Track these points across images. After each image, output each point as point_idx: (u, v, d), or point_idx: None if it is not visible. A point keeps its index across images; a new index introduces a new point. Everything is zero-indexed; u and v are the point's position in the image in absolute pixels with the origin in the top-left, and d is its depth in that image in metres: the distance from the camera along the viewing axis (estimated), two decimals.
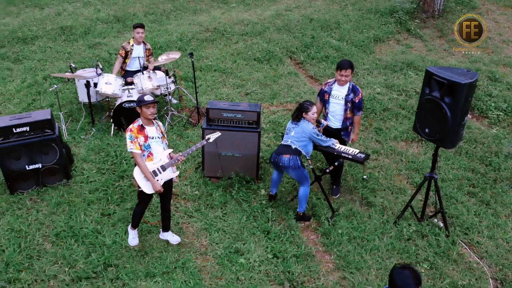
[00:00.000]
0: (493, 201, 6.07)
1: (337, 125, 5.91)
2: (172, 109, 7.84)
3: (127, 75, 7.71)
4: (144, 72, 7.32)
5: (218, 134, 5.25)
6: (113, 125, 7.24)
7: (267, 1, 13.69)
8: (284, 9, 12.89)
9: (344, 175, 6.46)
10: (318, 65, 10.02)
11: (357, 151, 5.46)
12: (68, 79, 8.29)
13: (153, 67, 7.73)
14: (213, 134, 5.21)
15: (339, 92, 5.79)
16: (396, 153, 7.05)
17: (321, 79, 9.28)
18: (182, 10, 12.93)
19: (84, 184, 6.14)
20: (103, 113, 7.74)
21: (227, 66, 9.84)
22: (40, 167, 5.95)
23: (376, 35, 11.30)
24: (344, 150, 5.49)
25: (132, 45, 7.73)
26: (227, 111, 6.09)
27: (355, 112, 5.83)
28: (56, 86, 7.39)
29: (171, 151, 4.94)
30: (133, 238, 5.19)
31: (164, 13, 12.63)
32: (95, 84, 7.22)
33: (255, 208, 5.80)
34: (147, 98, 4.61)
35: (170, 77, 7.79)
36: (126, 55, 7.75)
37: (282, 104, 8.46)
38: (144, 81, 7.27)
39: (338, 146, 5.57)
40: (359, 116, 5.92)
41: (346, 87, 5.76)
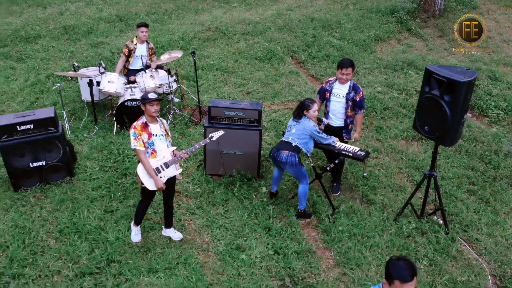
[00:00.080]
0: (493, 199, 6.12)
1: (338, 124, 5.97)
2: (174, 108, 7.90)
3: (130, 74, 7.78)
4: (147, 71, 7.39)
5: (222, 133, 5.30)
6: (116, 123, 7.30)
7: (269, 1, 13.75)
8: (286, 9, 12.95)
9: (345, 173, 6.51)
10: (319, 64, 10.08)
11: (357, 149, 5.52)
12: (71, 78, 8.36)
13: (156, 66, 7.80)
14: (216, 133, 5.26)
15: (340, 91, 5.84)
16: (397, 152, 7.10)
17: (322, 78, 9.33)
18: (184, 10, 13.00)
19: (87, 182, 6.20)
20: (106, 112, 7.80)
21: (229, 65, 9.90)
22: (44, 165, 6.00)
23: (377, 35, 11.35)
24: (345, 148, 5.55)
25: (136, 44, 7.80)
26: (229, 110, 6.15)
27: (357, 111, 5.88)
28: (59, 85, 7.45)
29: (175, 149, 4.99)
30: (136, 235, 5.25)
31: (166, 13, 12.70)
32: (98, 83, 7.29)
33: (256, 205, 5.86)
34: (151, 96, 4.67)
35: (172, 76, 7.86)
36: (129, 54, 7.81)
37: (283, 103, 8.52)
38: (147, 80, 7.34)
39: (339, 144, 5.62)
40: (361, 115, 5.97)
41: (347, 86, 5.81)
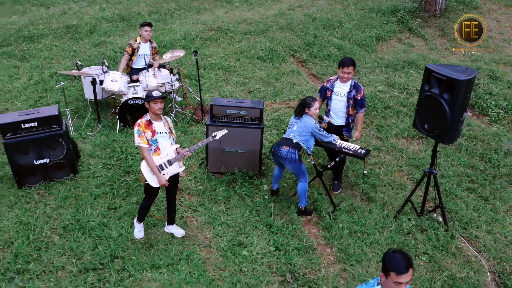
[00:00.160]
0: (492, 197, 6.16)
1: (339, 122, 6.02)
2: (177, 106, 7.97)
3: (133, 73, 7.85)
4: (149, 70, 7.46)
5: (225, 132, 5.36)
6: (119, 122, 7.37)
7: (270, 0, 13.81)
8: (287, 8, 13.01)
9: (346, 171, 6.57)
10: (321, 64, 10.14)
11: (358, 147, 5.58)
12: (75, 77, 8.44)
13: (158, 65, 7.86)
14: (220, 132, 5.31)
15: (341, 89, 5.90)
16: (397, 150, 7.16)
17: (324, 77, 9.38)
18: (186, 9, 13.07)
19: (91, 179, 6.27)
20: (109, 110, 7.88)
21: (231, 65, 9.96)
22: (48, 162, 6.06)
23: (378, 34, 11.40)
24: (345, 146, 5.61)
25: (139, 43, 7.87)
26: (231, 108, 6.21)
27: (358, 109, 5.93)
28: (63, 83, 7.52)
29: (178, 146, 5.05)
30: (139, 231, 5.31)
31: (168, 12, 12.77)
32: (101, 82, 7.36)
33: (258, 203, 5.92)
34: (155, 94, 4.73)
35: (175, 75, 7.93)
36: (133, 53, 7.89)
37: (285, 102, 8.58)
38: (149, 79, 7.41)
39: (339, 142, 5.68)
40: (363, 113, 6.02)
41: (348, 84, 5.86)
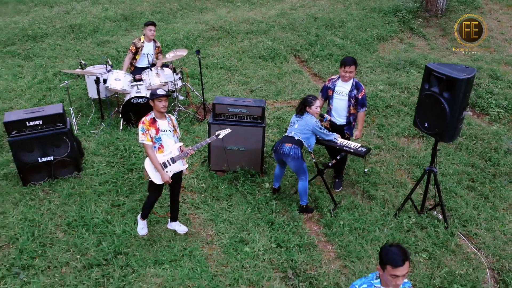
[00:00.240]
0: (492, 195, 6.21)
1: (341, 121, 6.07)
2: (179, 105, 8.04)
3: (136, 72, 7.92)
4: (152, 69, 7.53)
5: (228, 131, 5.42)
6: (122, 120, 7.44)
7: (272, 0, 13.87)
8: (289, 8, 13.07)
9: (347, 170, 6.62)
10: (322, 63, 10.20)
11: (359, 145, 5.63)
12: (78, 76, 8.52)
13: (161, 64, 7.94)
14: (223, 131, 5.38)
15: (343, 88, 5.95)
16: (398, 149, 7.21)
17: (325, 77, 9.44)
18: (189, 9, 13.14)
19: (94, 177, 6.34)
20: (112, 109, 7.95)
21: (233, 64, 10.02)
22: (52, 160, 6.13)
23: (380, 34, 11.45)
24: (346, 144, 5.66)
25: (143, 42, 7.95)
26: (233, 106, 6.27)
27: (359, 109, 5.99)
28: (67, 82, 7.60)
29: (182, 145, 5.12)
30: (142, 228, 5.38)
31: (171, 12, 12.84)
32: (105, 80, 7.43)
33: (260, 200, 5.98)
34: (160, 92, 4.80)
35: (177, 74, 7.99)
36: (136, 51, 7.96)
37: (286, 101, 8.64)
38: (152, 78, 7.48)
39: (340, 140, 5.74)
40: (363, 113, 6.06)
41: (350, 84, 5.92)
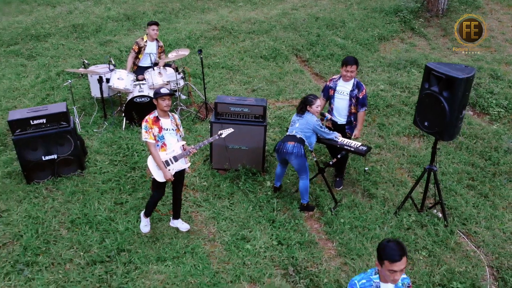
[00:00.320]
0: (492, 194, 6.26)
1: (342, 121, 6.12)
2: (181, 104, 8.10)
3: (139, 71, 7.98)
4: (155, 68, 7.59)
5: (231, 130, 5.48)
6: (125, 119, 7.50)
7: (274, 0, 13.92)
8: (291, 8, 13.12)
9: (347, 168, 6.67)
10: (323, 63, 10.25)
11: (359, 144, 5.69)
12: (82, 75, 8.59)
13: (164, 64, 8.00)
14: (226, 130, 5.43)
15: (344, 88, 5.99)
16: (398, 148, 7.26)
17: (326, 76, 9.49)
18: (191, 9, 13.20)
19: (98, 175, 6.41)
20: (115, 108, 8.01)
21: (234, 64, 10.08)
22: (56, 158, 6.19)
23: (381, 34, 11.50)
24: (347, 143, 5.71)
25: (146, 42, 8.02)
26: (235, 106, 6.33)
27: (359, 108, 6.03)
28: (70, 81, 7.67)
29: (184, 143, 5.18)
30: (145, 226, 5.43)
31: (173, 12, 12.90)
32: (108, 80, 7.49)
33: (261, 199, 6.04)
34: (163, 91, 4.86)
35: (180, 74, 8.05)
36: (139, 51, 8.03)
37: (288, 100, 8.69)
38: (155, 77, 7.54)
39: (341, 139, 5.79)
40: (363, 112, 6.10)
41: (351, 83, 5.96)
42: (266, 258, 5.10)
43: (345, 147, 5.67)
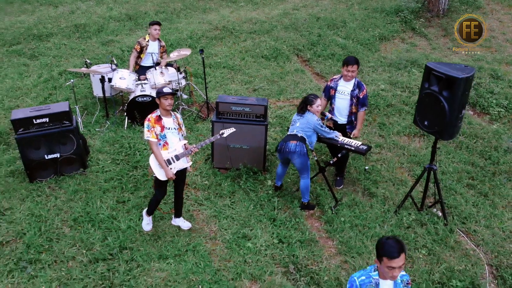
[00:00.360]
0: (491, 193, 6.29)
1: (343, 120, 6.15)
2: (183, 104, 8.15)
3: (141, 70, 8.03)
4: (157, 68, 7.64)
5: (233, 130, 5.52)
6: (127, 118, 7.55)
7: (275, 0, 13.97)
8: (292, 8, 13.17)
9: (348, 168, 6.70)
10: (324, 63, 10.29)
11: (360, 143, 5.73)
12: (84, 74, 8.64)
13: (165, 64, 8.05)
14: (227, 130, 5.47)
15: (345, 88, 6.03)
16: (399, 147, 7.29)
17: (327, 76, 9.53)
18: (192, 9, 13.25)
19: (100, 174, 6.45)
20: (117, 107, 8.06)
21: (236, 63, 10.13)
22: (58, 157, 6.23)
23: (382, 34, 11.54)
24: (347, 142, 5.76)
25: (148, 41, 8.07)
26: (236, 105, 6.37)
27: (359, 108, 6.06)
28: (72, 81, 7.73)
29: (186, 142, 5.22)
30: (147, 224, 5.48)
31: (175, 12, 12.96)
32: (110, 79, 7.54)
33: (262, 198, 6.08)
34: (166, 90, 4.90)
35: (181, 73, 8.10)
36: (141, 50, 8.08)
37: (289, 100, 8.74)
38: (157, 77, 7.59)
39: (341, 138, 5.83)
40: (363, 112, 6.13)
41: (352, 83, 6.00)
42: (267, 256, 5.14)
43: (346, 146, 5.71)
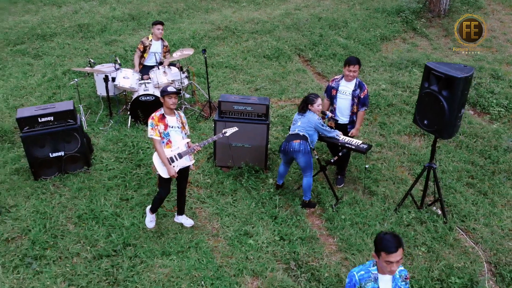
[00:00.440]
0: (491, 192, 6.35)
1: (344, 120, 6.21)
2: (186, 103, 8.23)
3: (144, 70, 8.11)
4: (160, 67, 7.72)
5: (235, 129, 5.58)
6: (130, 117, 7.63)
7: (277, 0, 14.04)
8: (294, 8, 13.24)
9: (348, 167, 6.77)
10: (326, 62, 10.36)
11: (360, 142, 5.80)
12: (88, 74, 8.73)
13: (168, 63, 8.13)
14: (230, 129, 5.54)
15: (347, 88, 6.09)
16: (399, 146, 7.36)
17: (329, 76, 9.60)
18: (195, 9, 13.33)
19: (104, 172, 6.53)
20: (120, 106, 8.15)
21: (238, 63, 10.20)
22: (63, 155, 6.32)
23: (383, 34, 11.60)
24: (348, 141, 5.83)
25: (151, 41, 8.15)
26: (238, 104, 6.44)
27: (359, 108, 6.12)
28: (76, 80, 7.81)
29: (189, 141, 5.29)
30: (151, 221, 5.55)
31: (177, 12, 13.04)
32: (113, 79, 7.62)
33: (263, 196, 6.15)
34: (170, 89, 4.98)
35: (184, 73, 8.18)
36: (144, 50, 8.17)
37: (290, 99, 8.81)
38: (160, 76, 7.67)
39: (342, 137, 5.90)
40: (363, 112, 6.19)
41: (353, 83, 6.06)
42: (268, 253, 5.21)
43: (346, 145, 5.78)
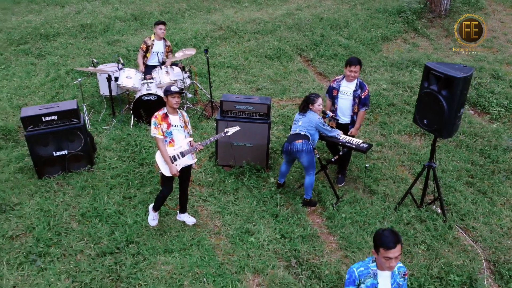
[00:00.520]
0: (490, 191, 6.39)
1: (346, 121, 6.27)
2: (188, 103, 8.30)
3: (147, 70, 8.19)
4: (162, 67, 7.79)
5: (237, 129, 5.64)
6: (133, 117, 7.69)
7: (279, 1, 14.10)
8: (295, 9, 13.30)
9: (349, 166, 6.82)
10: (327, 63, 10.41)
11: (361, 141, 5.85)
12: (91, 73, 8.80)
13: (170, 63, 8.20)
14: (232, 128, 5.60)
15: (348, 88, 6.14)
16: (400, 146, 7.41)
17: (330, 76, 9.66)
18: (197, 9, 13.40)
19: (107, 170, 6.60)
20: (123, 106, 8.22)
21: (239, 63, 10.26)
22: (66, 154, 6.39)
23: (384, 34, 11.65)
24: (348, 140, 5.88)
25: (153, 41, 8.22)
26: (240, 104, 6.50)
27: (360, 107, 6.18)
28: (80, 79, 7.88)
29: (192, 140, 5.35)
30: (153, 219, 5.61)
31: (179, 12, 13.11)
32: (116, 78, 7.70)
33: (265, 194, 6.21)
34: (173, 89, 5.05)
35: (186, 73, 8.25)
36: (147, 50, 8.24)
37: (292, 99, 8.86)
38: (162, 76, 7.74)
39: (343, 137, 5.96)
40: (363, 112, 6.24)
41: (354, 83, 6.11)
42: (270, 251, 5.27)
43: (347, 145, 5.84)
